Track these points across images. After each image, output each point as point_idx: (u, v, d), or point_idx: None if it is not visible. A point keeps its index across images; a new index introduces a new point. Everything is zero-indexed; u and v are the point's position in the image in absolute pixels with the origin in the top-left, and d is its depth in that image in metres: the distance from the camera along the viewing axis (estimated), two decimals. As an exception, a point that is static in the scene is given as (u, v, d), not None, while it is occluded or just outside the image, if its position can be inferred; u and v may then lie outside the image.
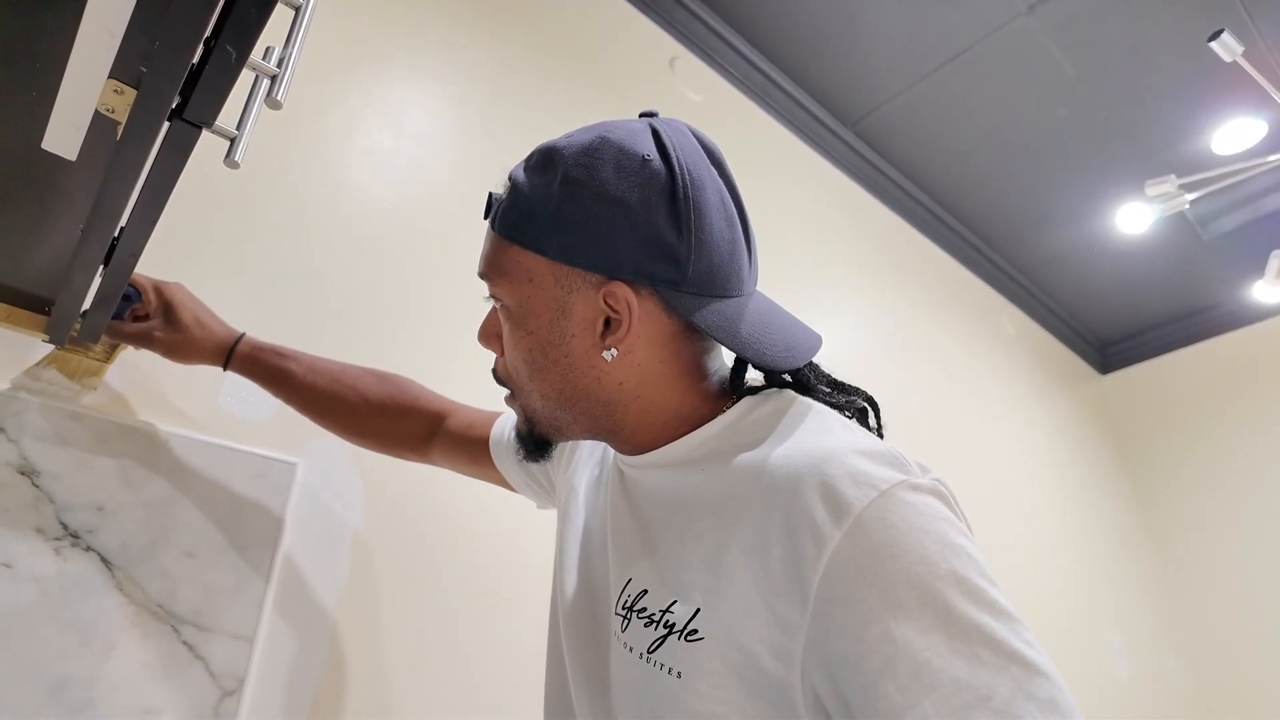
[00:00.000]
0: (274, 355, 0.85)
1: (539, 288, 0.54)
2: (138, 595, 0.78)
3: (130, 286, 0.79)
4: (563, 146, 0.54)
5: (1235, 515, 2.84)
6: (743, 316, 0.55)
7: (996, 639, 0.40)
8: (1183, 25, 1.93)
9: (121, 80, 0.41)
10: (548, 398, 0.57)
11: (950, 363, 2.42)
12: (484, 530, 1.11)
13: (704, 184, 0.53)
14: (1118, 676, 2.39)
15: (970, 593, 0.41)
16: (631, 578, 0.55)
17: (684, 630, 0.49)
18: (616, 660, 0.54)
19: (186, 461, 0.86)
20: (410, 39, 1.34)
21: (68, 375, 0.83)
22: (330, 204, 1.12)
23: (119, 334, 0.80)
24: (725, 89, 2.03)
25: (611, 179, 0.52)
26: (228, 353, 0.83)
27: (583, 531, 0.66)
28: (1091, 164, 2.40)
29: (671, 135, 0.54)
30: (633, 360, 0.55)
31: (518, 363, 0.58)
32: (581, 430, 0.59)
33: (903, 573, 0.42)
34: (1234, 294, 2.96)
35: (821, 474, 0.46)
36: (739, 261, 0.55)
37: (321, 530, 0.95)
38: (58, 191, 0.56)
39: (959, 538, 0.44)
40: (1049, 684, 0.39)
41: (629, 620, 0.53)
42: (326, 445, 0.99)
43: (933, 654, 0.40)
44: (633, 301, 0.53)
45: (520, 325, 0.56)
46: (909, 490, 0.45)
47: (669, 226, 0.52)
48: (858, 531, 0.43)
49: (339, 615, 0.93)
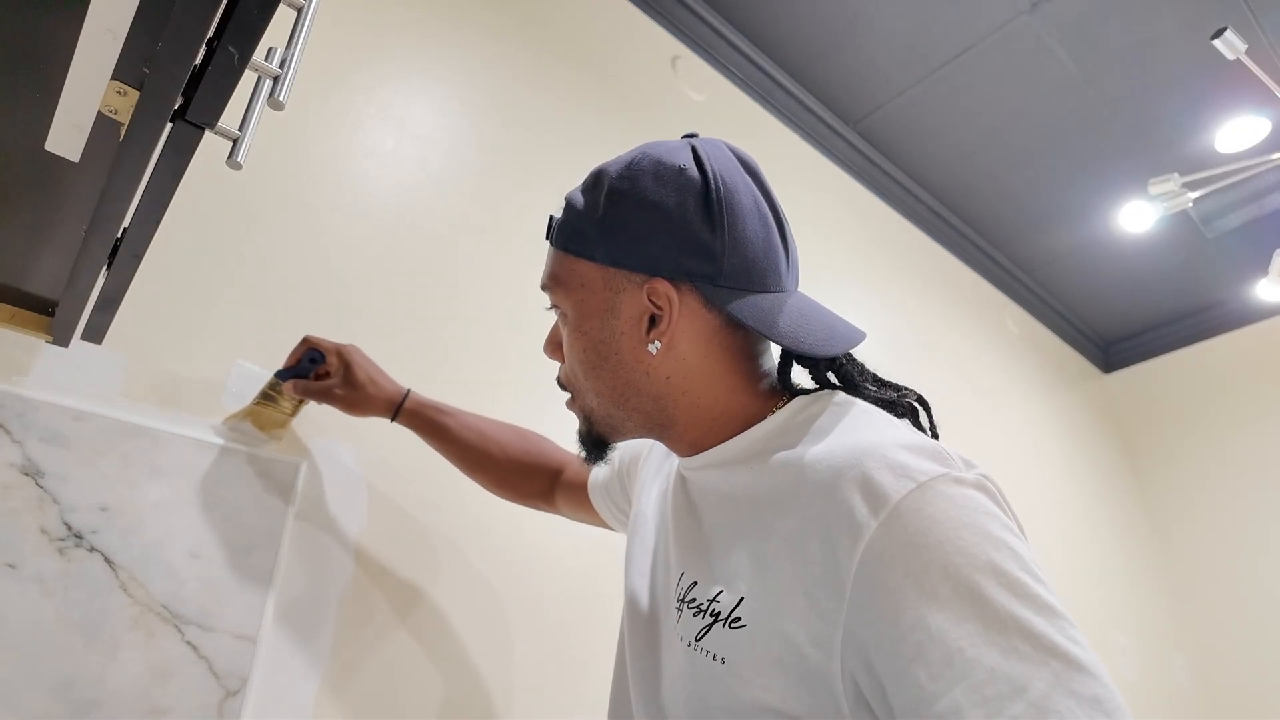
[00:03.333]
0: (434, 412, 0.94)
1: (590, 291, 0.59)
2: (141, 596, 0.78)
3: (315, 350, 0.91)
4: (610, 165, 0.60)
5: (1241, 514, 2.84)
6: (780, 309, 0.57)
7: (1036, 632, 0.39)
8: (1186, 23, 1.93)
9: (124, 81, 0.41)
10: (602, 395, 0.61)
11: (953, 361, 2.42)
12: (486, 531, 1.11)
13: (737, 188, 0.58)
14: (1125, 677, 2.38)
15: (1010, 585, 0.41)
16: (684, 571, 0.58)
17: (728, 618, 0.50)
18: (668, 651, 0.57)
19: (190, 462, 0.86)
20: (412, 39, 1.34)
21: (259, 427, 0.92)
22: (333, 204, 1.12)
23: (305, 391, 0.90)
24: (727, 88, 2.03)
25: (651, 187, 0.57)
26: (396, 408, 0.94)
27: (653, 541, 0.68)
28: (1094, 162, 2.40)
29: (707, 149, 0.59)
30: (677, 355, 0.58)
31: (575, 364, 0.62)
32: (636, 427, 0.62)
33: (938, 563, 0.42)
34: (1237, 293, 2.95)
35: (861, 466, 0.47)
36: (775, 259, 0.59)
37: (325, 530, 0.95)
38: (61, 193, 0.56)
39: (1002, 532, 0.44)
40: (1093, 681, 0.39)
41: (682, 612, 0.55)
42: (330, 446, 0.99)
43: (966, 643, 0.39)
44: (673, 297, 0.57)
45: (576, 329, 0.61)
46: (950, 483, 0.45)
47: (703, 225, 0.56)
48: (894, 522, 0.44)
49: (342, 615, 0.93)
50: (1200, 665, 2.77)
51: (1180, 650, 2.75)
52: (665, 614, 0.60)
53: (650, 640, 0.61)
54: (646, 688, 0.59)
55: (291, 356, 0.91)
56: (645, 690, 0.60)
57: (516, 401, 1.19)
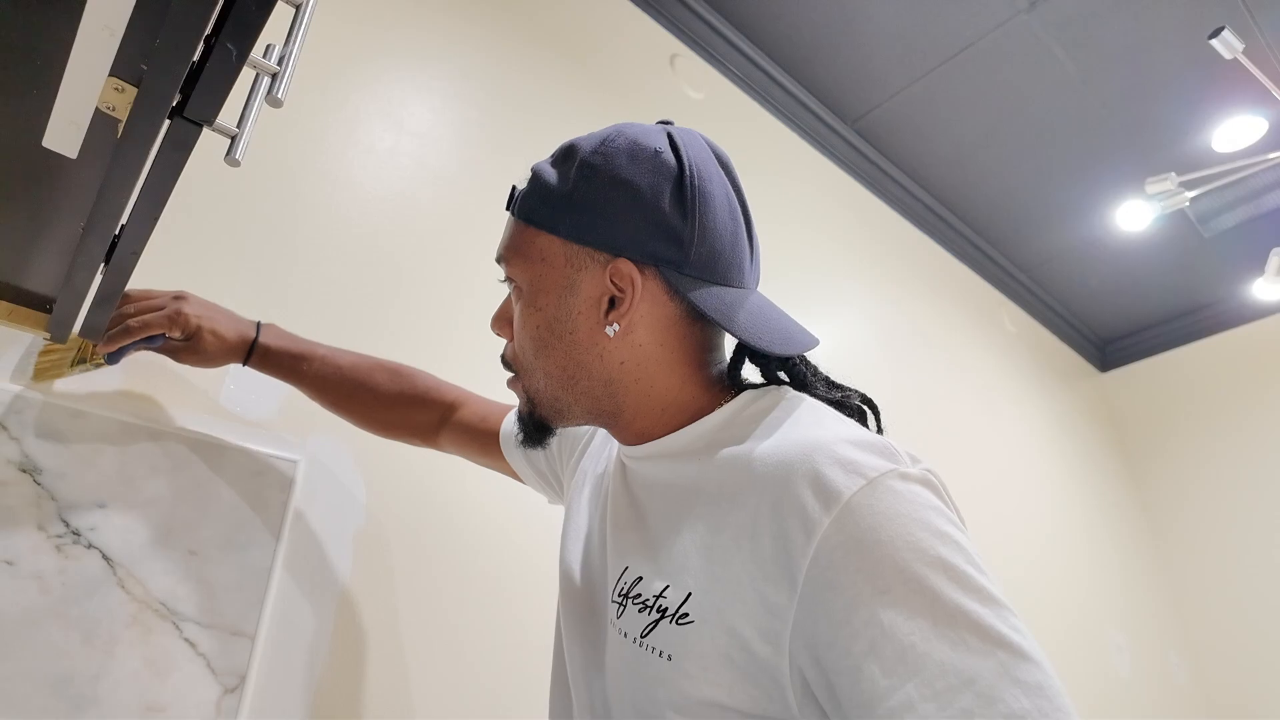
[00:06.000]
0: (289, 358, 0.87)
1: (550, 266, 0.57)
2: (139, 592, 0.78)
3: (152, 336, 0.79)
4: (582, 140, 0.58)
5: (1236, 512, 2.84)
6: (741, 305, 0.57)
7: (983, 624, 0.40)
8: (1183, 23, 1.93)
9: (122, 78, 0.41)
10: (551, 375, 0.59)
11: (950, 360, 2.42)
12: (485, 528, 1.11)
13: (710, 178, 0.57)
14: (1119, 674, 2.39)
15: (957, 579, 0.42)
16: (628, 565, 0.56)
17: (675, 614, 0.50)
18: (612, 647, 0.55)
19: (188, 459, 0.86)
20: (411, 36, 1.34)
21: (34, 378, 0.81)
22: (331, 201, 1.12)
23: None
24: (726, 87, 2.03)
25: (625, 165, 0.56)
26: (245, 353, 0.86)
27: (586, 526, 0.67)
28: (1091, 161, 2.40)
29: (684, 136, 0.59)
30: (634, 340, 0.57)
31: (525, 341, 0.60)
32: (582, 412, 0.60)
33: (890, 559, 0.42)
34: (1234, 291, 2.96)
35: (812, 462, 0.47)
36: (740, 254, 0.58)
37: (323, 527, 0.95)
38: (58, 189, 0.56)
39: (948, 526, 0.44)
40: (1036, 669, 0.40)
41: (624, 607, 0.54)
42: (328, 443, 0.99)
43: (918, 638, 0.40)
44: (636, 279, 0.56)
45: (531, 303, 0.59)
46: (898, 479, 0.45)
47: (674, 210, 0.55)
48: (846, 518, 0.44)
49: (340, 612, 0.93)
50: (1195, 663, 2.78)
51: (1175, 648, 2.76)
52: (603, 606, 0.59)
53: (592, 631, 0.60)
54: (589, 681, 0.58)
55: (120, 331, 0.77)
56: (589, 684, 0.59)
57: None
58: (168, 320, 0.79)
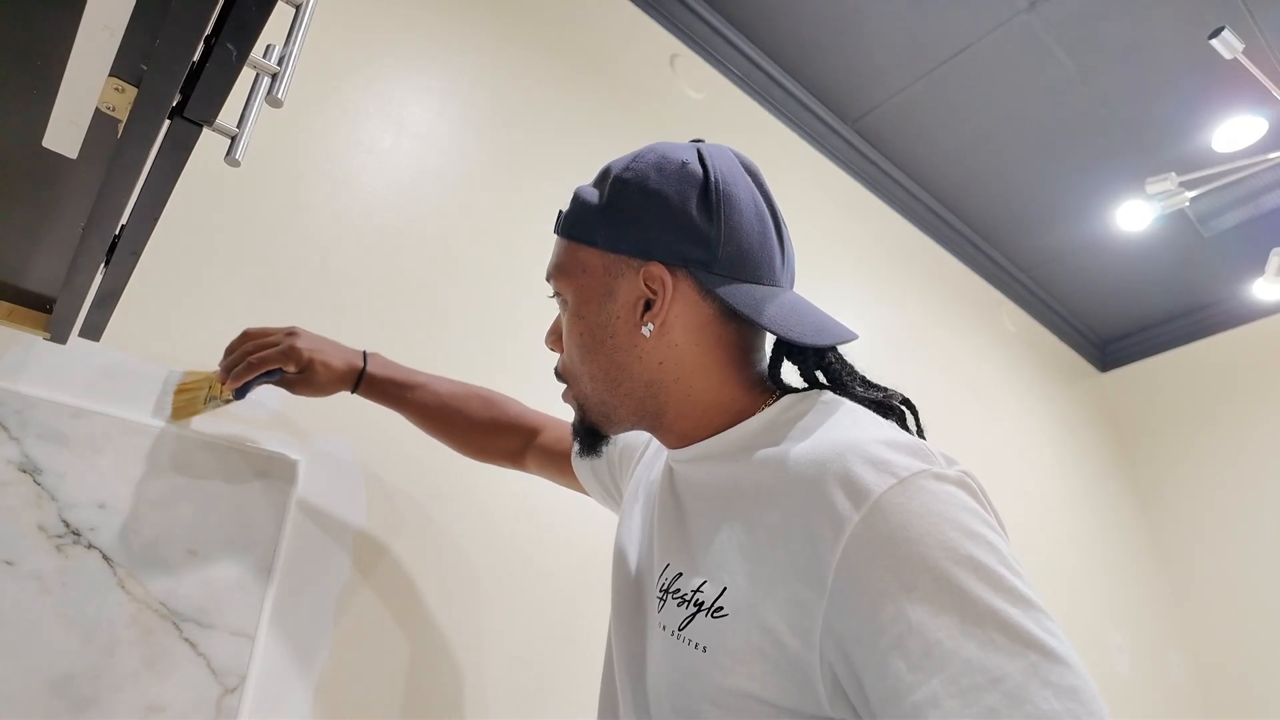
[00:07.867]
0: (394, 386, 0.93)
1: (591, 276, 0.62)
2: (139, 593, 0.78)
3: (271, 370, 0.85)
4: (617, 160, 0.63)
5: (1236, 512, 2.84)
6: (771, 300, 0.59)
7: (1013, 624, 0.40)
8: (1183, 23, 1.93)
9: (122, 78, 0.41)
10: (595, 379, 0.63)
11: (950, 360, 2.42)
12: (487, 528, 1.11)
13: (735, 183, 0.60)
14: (1119, 674, 2.39)
15: (988, 578, 0.42)
16: (669, 562, 0.59)
17: (711, 608, 0.52)
18: (654, 641, 0.57)
19: (188, 459, 0.86)
20: (411, 37, 1.34)
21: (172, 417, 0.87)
22: (331, 202, 1.12)
23: None
24: (726, 87, 2.03)
25: (653, 177, 0.59)
26: (354, 382, 0.91)
27: (639, 531, 0.69)
28: (1092, 161, 2.40)
29: (711, 150, 0.62)
30: (671, 340, 0.60)
31: (572, 349, 0.64)
32: (628, 414, 0.63)
33: (919, 556, 0.42)
34: (1234, 291, 2.96)
35: (844, 461, 0.48)
36: (770, 254, 0.60)
37: (323, 527, 0.95)
38: (58, 190, 0.56)
39: (981, 527, 0.44)
40: (1069, 672, 0.39)
41: (665, 601, 0.56)
42: (329, 443, 0.99)
43: (944, 635, 0.40)
44: (667, 280, 0.59)
45: (576, 313, 0.63)
46: (931, 479, 0.46)
47: (701, 214, 0.58)
48: (875, 515, 0.44)
49: (341, 613, 0.93)
50: (1196, 663, 2.78)
51: (1176, 648, 2.76)
52: (649, 605, 0.61)
53: (638, 628, 0.62)
54: (632, 677, 0.61)
55: (243, 368, 0.83)
56: (631, 679, 0.61)
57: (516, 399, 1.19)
58: (283, 356, 0.85)
